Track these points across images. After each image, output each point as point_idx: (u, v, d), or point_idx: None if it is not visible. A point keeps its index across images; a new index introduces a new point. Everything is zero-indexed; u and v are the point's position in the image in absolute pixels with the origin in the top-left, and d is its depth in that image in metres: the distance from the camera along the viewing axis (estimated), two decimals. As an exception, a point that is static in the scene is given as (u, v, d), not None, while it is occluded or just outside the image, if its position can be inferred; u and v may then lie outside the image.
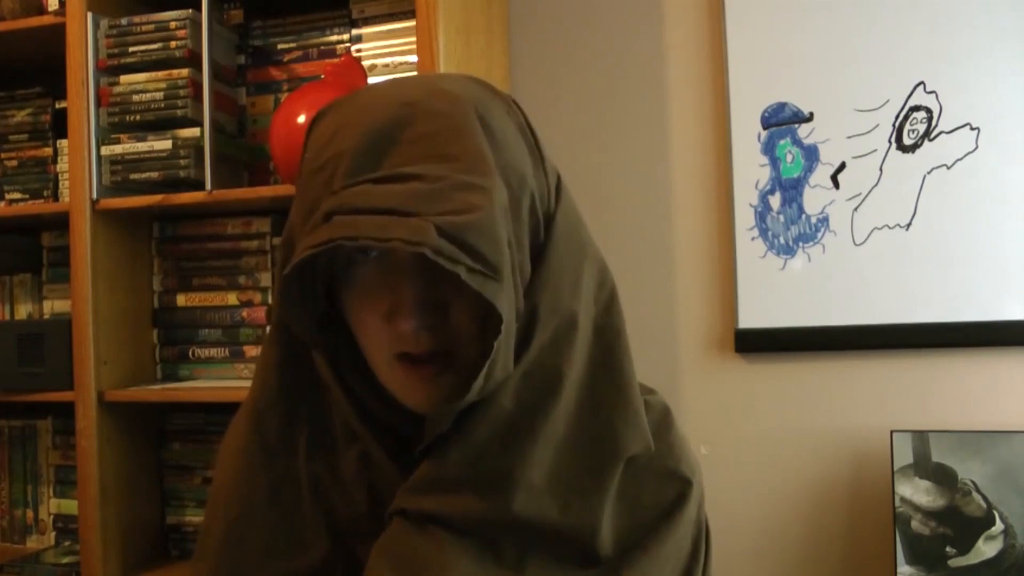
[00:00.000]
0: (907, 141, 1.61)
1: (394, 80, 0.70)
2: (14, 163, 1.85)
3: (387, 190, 0.58)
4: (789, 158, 1.67)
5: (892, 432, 1.52)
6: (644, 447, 0.68)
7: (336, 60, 1.62)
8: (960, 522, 1.47)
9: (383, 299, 0.62)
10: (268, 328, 0.75)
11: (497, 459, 0.62)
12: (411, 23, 1.54)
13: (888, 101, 1.62)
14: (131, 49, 1.61)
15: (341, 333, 0.66)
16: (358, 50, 1.63)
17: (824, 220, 1.65)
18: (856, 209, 1.64)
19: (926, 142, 1.60)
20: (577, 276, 0.66)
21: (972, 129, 1.58)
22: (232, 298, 1.71)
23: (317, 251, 0.57)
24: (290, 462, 0.69)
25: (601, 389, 0.66)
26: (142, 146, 1.61)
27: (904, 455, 1.51)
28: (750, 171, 1.69)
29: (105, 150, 1.63)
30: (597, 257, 0.69)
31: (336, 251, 0.61)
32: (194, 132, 1.59)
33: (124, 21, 1.62)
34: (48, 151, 1.83)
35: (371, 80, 1.56)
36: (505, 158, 0.62)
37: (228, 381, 1.69)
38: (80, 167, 1.61)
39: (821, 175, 1.65)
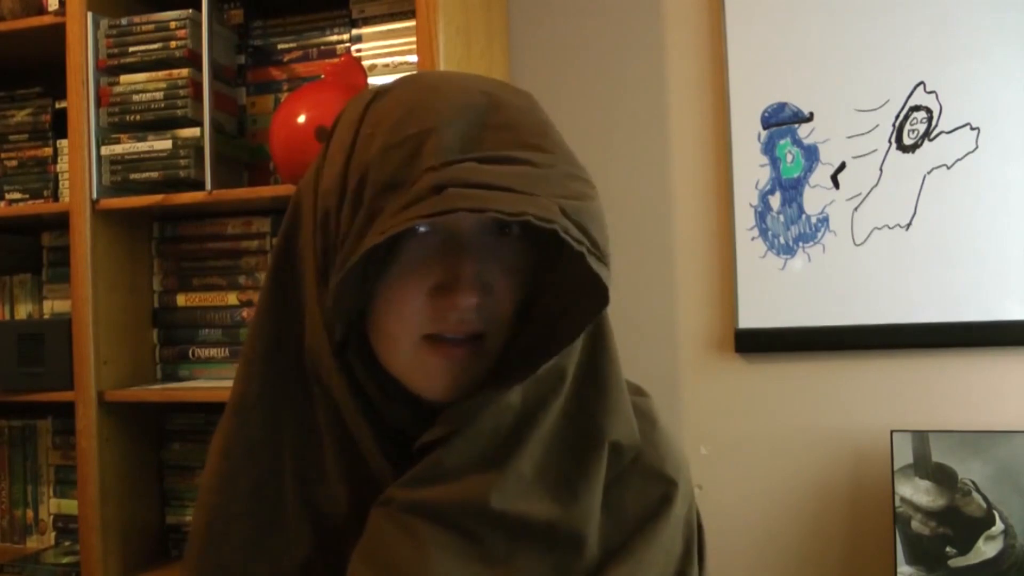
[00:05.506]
0: (907, 141, 1.61)
1: (454, 71, 0.71)
2: (14, 163, 1.85)
3: (499, 170, 0.58)
4: (789, 158, 1.67)
5: (892, 432, 1.52)
6: (629, 437, 0.68)
7: (336, 60, 1.62)
8: (960, 522, 1.47)
9: (432, 274, 0.62)
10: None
11: (495, 452, 0.63)
12: (411, 23, 1.54)
13: (888, 101, 1.62)
14: (131, 49, 1.61)
15: (352, 324, 0.66)
16: (358, 50, 1.63)
17: (824, 220, 1.65)
18: (856, 209, 1.63)
19: (926, 142, 1.60)
20: None
21: (972, 129, 1.58)
22: (232, 298, 1.71)
23: (434, 219, 0.56)
24: (274, 459, 0.68)
25: (584, 385, 0.67)
26: (142, 146, 1.61)
27: (904, 455, 1.51)
28: (750, 171, 1.69)
29: (105, 150, 1.63)
30: None
31: (430, 221, 0.60)
32: (194, 132, 1.59)
33: (124, 21, 1.62)
34: (48, 151, 1.83)
35: (371, 80, 1.56)
36: None
37: (228, 381, 1.66)
38: (80, 167, 1.61)
39: (821, 175, 1.65)
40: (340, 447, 0.67)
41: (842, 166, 1.64)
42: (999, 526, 1.46)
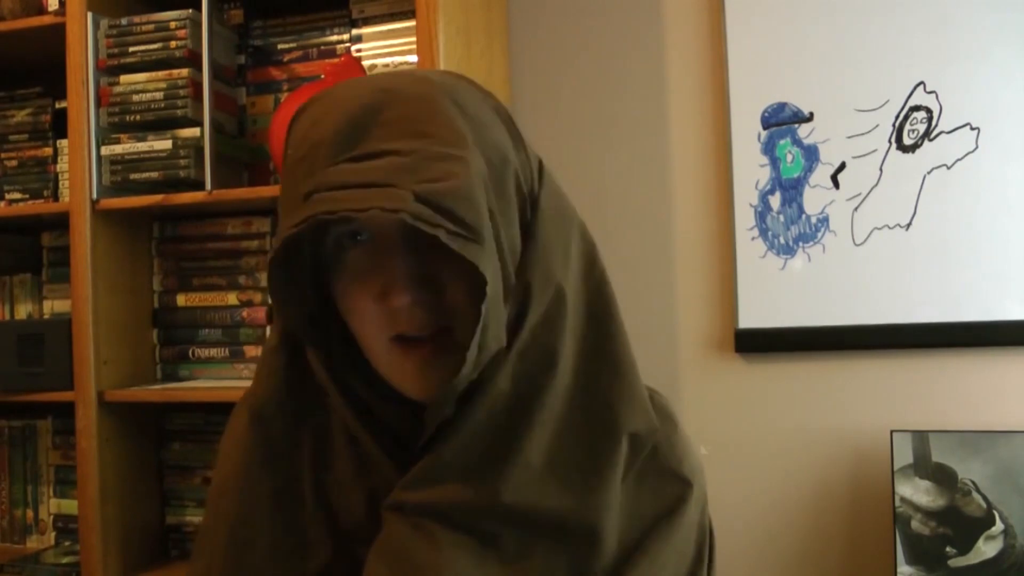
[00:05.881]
0: (907, 141, 1.61)
1: (373, 74, 0.71)
2: (14, 163, 1.85)
3: (364, 166, 0.58)
4: (789, 158, 1.67)
5: (892, 432, 1.52)
6: (646, 425, 0.67)
7: (336, 60, 1.62)
8: (960, 522, 1.47)
9: (375, 280, 0.62)
10: (269, 330, 0.74)
11: (495, 442, 0.62)
12: (411, 23, 1.54)
13: (888, 101, 1.62)
14: (131, 49, 1.61)
15: (335, 329, 0.66)
16: (358, 50, 1.63)
17: (824, 220, 1.65)
18: (856, 209, 1.63)
19: (926, 142, 1.60)
20: (566, 253, 0.66)
21: (972, 129, 1.58)
22: (232, 298, 1.71)
23: (297, 230, 0.57)
24: (293, 466, 0.69)
25: (595, 368, 0.66)
26: (142, 146, 1.61)
27: (904, 455, 1.51)
28: (750, 171, 1.69)
29: (105, 150, 1.63)
30: (585, 236, 0.69)
31: (325, 237, 0.61)
32: (194, 132, 1.59)
33: (124, 21, 1.62)
34: (48, 151, 1.83)
35: (371, 80, 1.56)
36: (483, 136, 0.63)
37: (228, 381, 1.69)
38: (80, 167, 1.61)
39: (821, 175, 1.65)
40: (352, 452, 0.67)
41: (842, 166, 1.64)
42: (999, 526, 1.46)
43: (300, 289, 0.65)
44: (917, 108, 1.61)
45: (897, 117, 1.62)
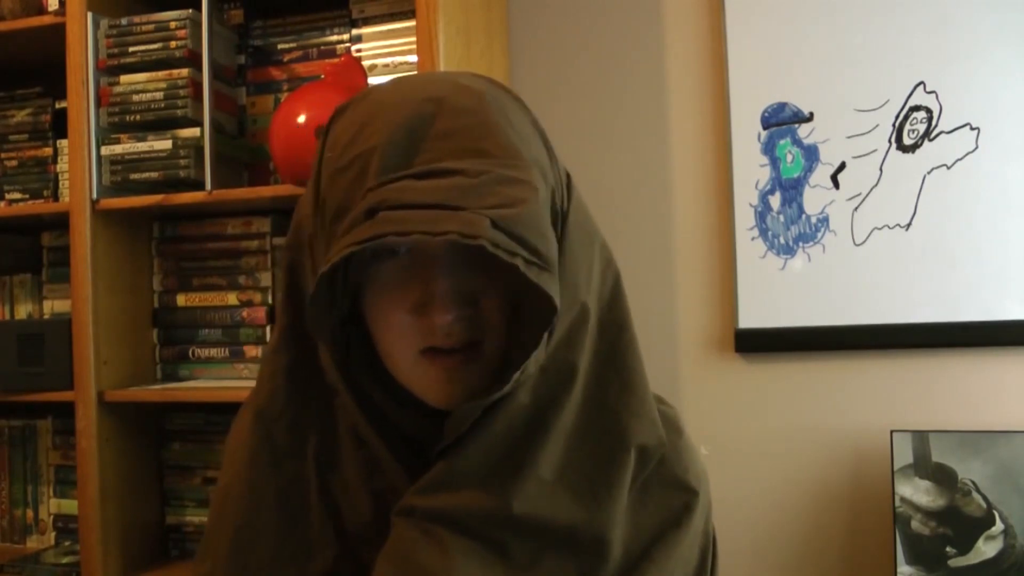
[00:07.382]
0: (907, 141, 1.61)
1: (411, 76, 0.70)
2: (14, 163, 1.85)
3: (431, 185, 0.57)
4: (789, 158, 1.67)
5: (892, 432, 1.52)
6: (655, 438, 0.67)
7: (336, 60, 1.62)
8: (960, 522, 1.47)
9: (411, 293, 0.61)
10: (272, 331, 0.73)
11: (510, 454, 0.62)
12: (411, 23, 1.54)
13: (888, 101, 1.62)
14: (131, 49, 1.61)
15: (354, 334, 0.66)
16: (358, 50, 1.63)
17: (824, 220, 1.65)
18: (856, 209, 1.64)
19: (926, 142, 1.60)
20: (589, 269, 0.66)
21: (972, 129, 1.58)
22: (232, 298, 1.71)
23: (363, 247, 0.56)
24: (298, 468, 0.69)
25: (606, 382, 0.66)
26: (142, 146, 1.61)
27: (904, 455, 1.51)
28: (750, 171, 1.69)
29: (105, 150, 1.63)
30: (604, 251, 0.69)
31: (361, 249, 0.60)
32: (194, 132, 1.59)
33: (124, 21, 1.62)
34: (48, 151, 1.83)
35: (371, 80, 1.56)
36: (531, 153, 0.62)
37: (228, 381, 1.69)
38: (80, 167, 1.61)
39: (821, 175, 1.65)
40: (359, 454, 0.67)
41: (842, 166, 1.64)
42: (999, 526, 1.46)
43: (338, 296, 0.64)
44: (917, 108, 1.61)
45: (897, 117, 1.62)
